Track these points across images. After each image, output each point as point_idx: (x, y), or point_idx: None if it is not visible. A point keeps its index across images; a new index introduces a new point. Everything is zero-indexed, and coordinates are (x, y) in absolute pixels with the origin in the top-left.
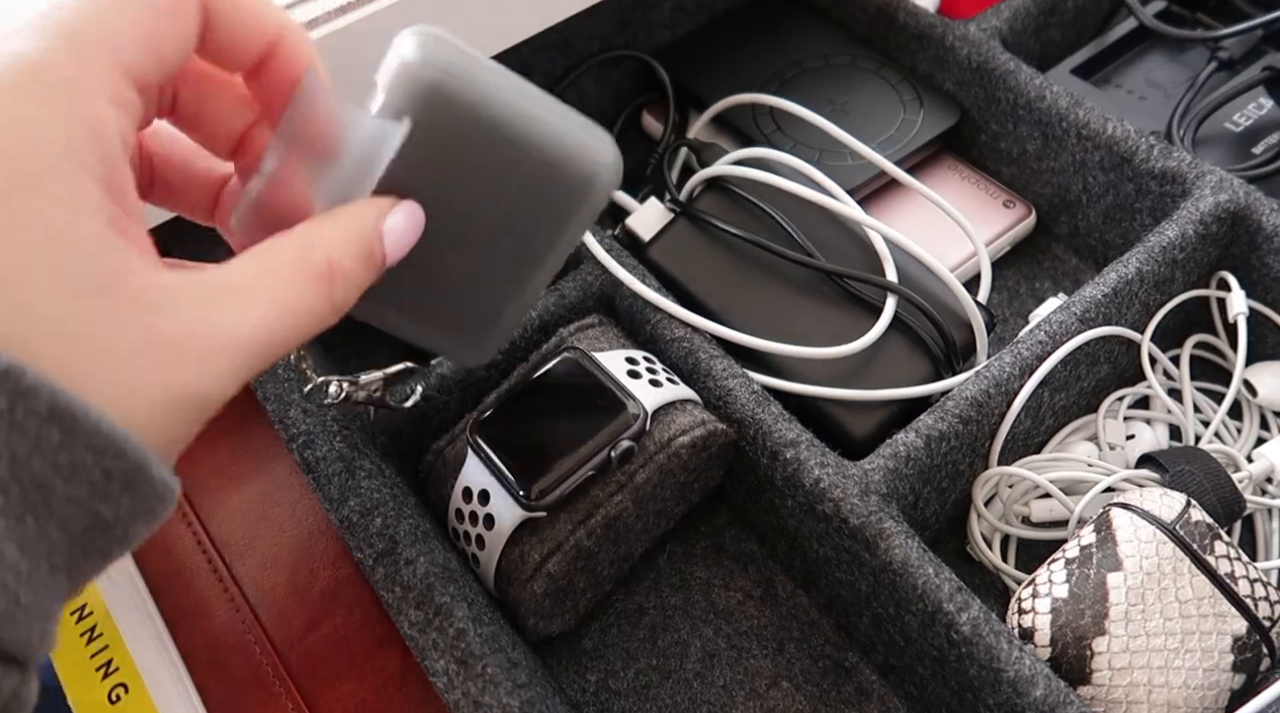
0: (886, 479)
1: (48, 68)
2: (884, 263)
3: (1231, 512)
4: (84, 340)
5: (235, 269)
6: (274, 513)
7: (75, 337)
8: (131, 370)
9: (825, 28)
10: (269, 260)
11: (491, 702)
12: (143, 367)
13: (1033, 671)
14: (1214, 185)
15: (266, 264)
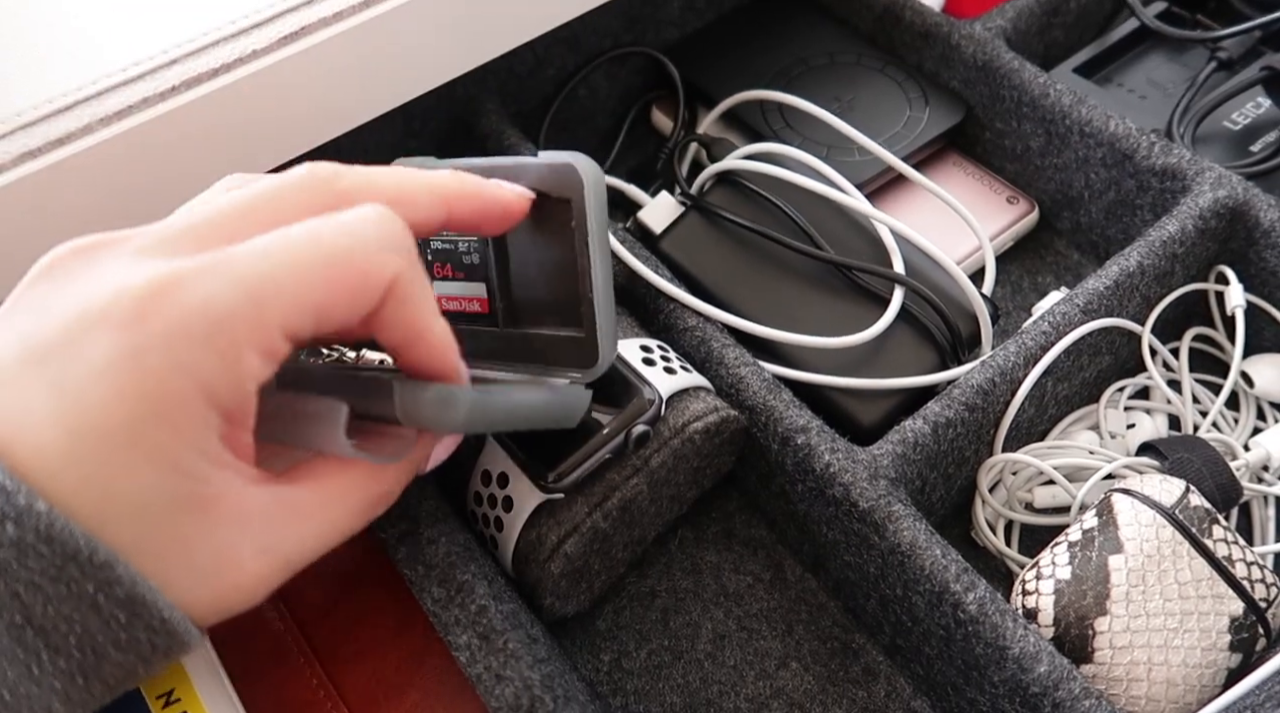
0: (895, 464)
1: (221, 330)
2: (891, 255)
3: (1229, 498)
4: (173, 549)
5: (309, 492)
6: None
7: (167, 545)
8: (202, 576)
9: (831, 26)
10: (339, 489)
11: (513, 675)
12: (211, 574)
13: (1037, 648)
14: (1213, 182)
15: (336, 492)
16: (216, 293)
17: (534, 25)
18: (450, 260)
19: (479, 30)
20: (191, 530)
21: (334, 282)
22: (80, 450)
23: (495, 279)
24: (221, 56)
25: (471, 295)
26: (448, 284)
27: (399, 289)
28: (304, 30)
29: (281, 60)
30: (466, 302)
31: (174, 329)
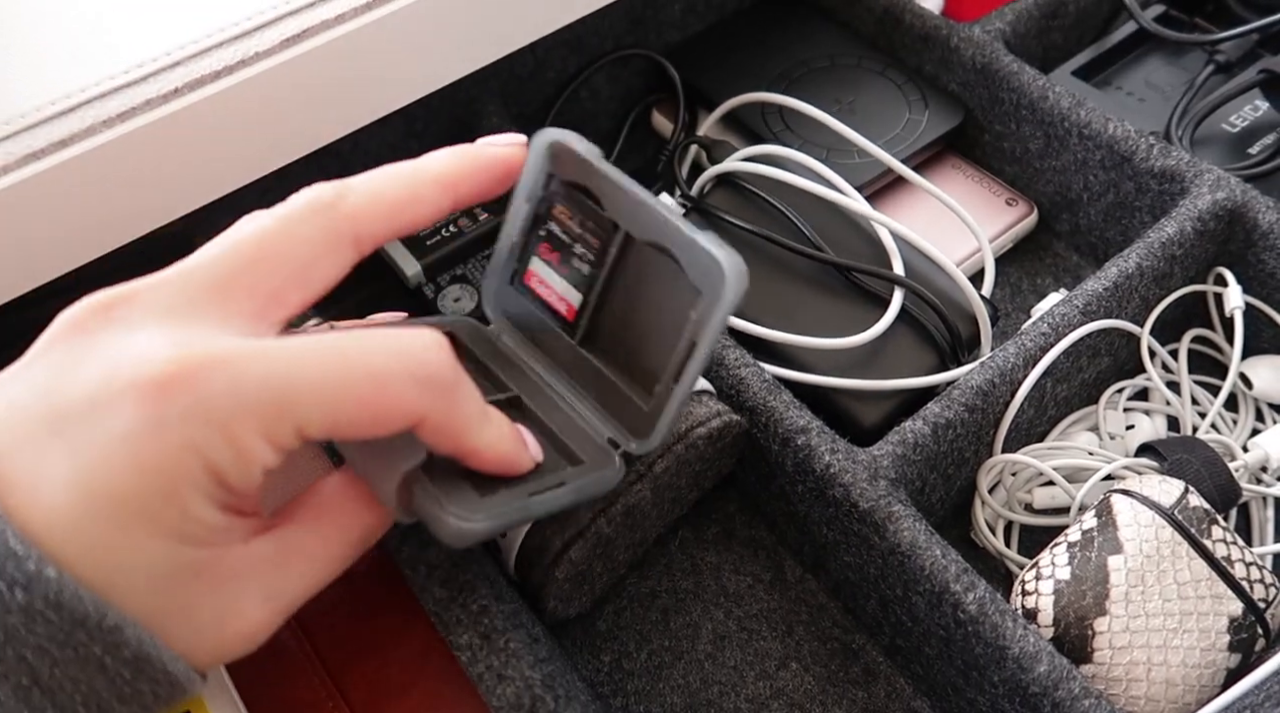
0: (895, 465)
1: (238, 421)
2: (891, 257)
3: (1228, 499)
4: (177, 611)
5: (308, 532)
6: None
7: (172, 608)
8: (206, 631)
9: (832, 29)
10: (338, 525)
11: (514, 674)
12: (214, 628)
13: (1036, 648)
14: (1212, 184)
15: (335, 529)
16: (242, 385)
17: (536, 27)
18: (561, 253)
19: (481, 32)
20: (196, 593)
21: (360, 403)
22: (91, 518)
23: (594, 297)
24: (224, 59)
25: (564, 296)
26: (549, 271)
27: (429, 424)
28: (306, 33)
29: (284, 63)
30: (557, 299)
31: (194, 411)
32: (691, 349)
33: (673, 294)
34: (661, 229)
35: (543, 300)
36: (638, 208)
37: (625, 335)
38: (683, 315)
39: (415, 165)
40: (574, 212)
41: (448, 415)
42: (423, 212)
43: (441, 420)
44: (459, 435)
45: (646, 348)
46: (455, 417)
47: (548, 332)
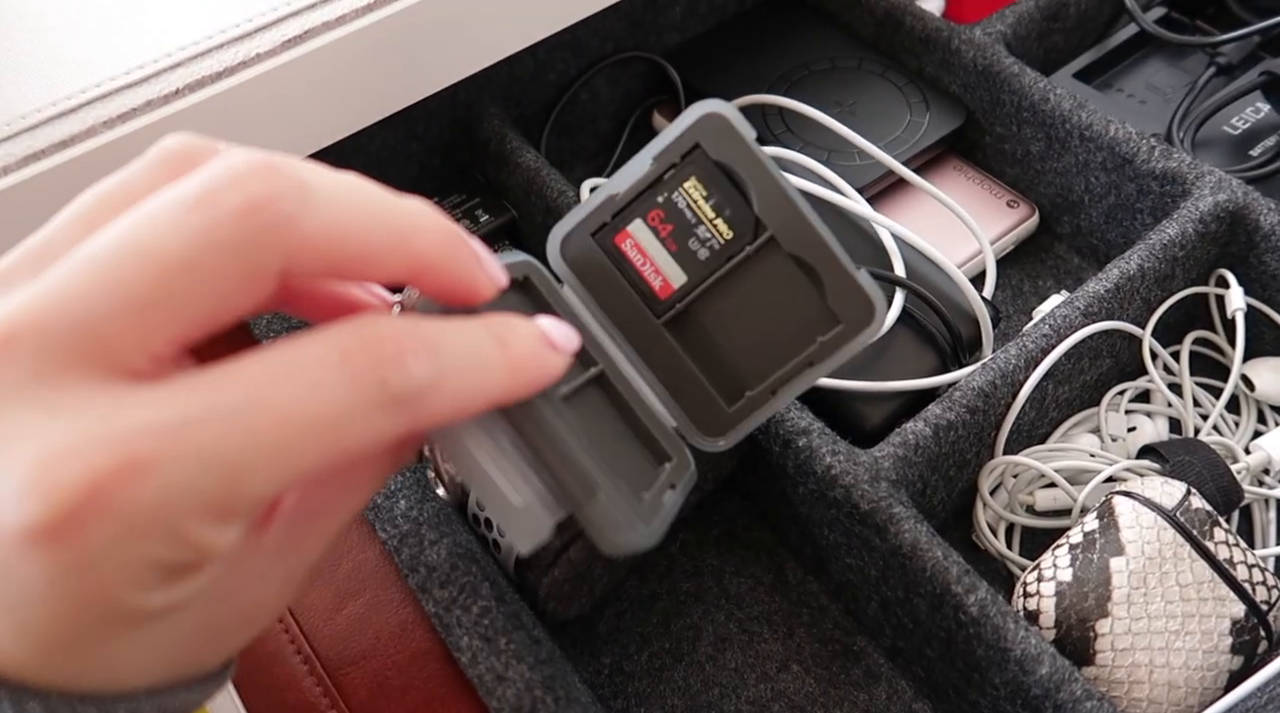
0: (896, 466)
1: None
2: (892, 259)
3: (1230, 501)
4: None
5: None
6: None
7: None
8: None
9: (832, 31)
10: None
11: (515, 676)
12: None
13: (1039, 650)
14: (1213, 186)
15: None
16: (174, 485)
17: (537, 29)
18: (676, 227)
19: (481, 34)
20: (213, 621)
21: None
22: (47, 660)
23: (703, 284)
24: (225, 60)
25: (663, 271)
26: (653, 241)
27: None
28: (307, 34)
29: (285, 64)
30: (653, 272)
31: (121, 535)
32: (805, 369)
33: (801, 311)
34: (817, 251)
35: (632, 266)
36: (797, 221)
37: (726, 332)
38: (806, 335)
39: (396, 225)
40: (711, 193)
41: (444, 414)
42: (373, 276)
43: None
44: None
45: (747, 352)
46: (454, 410)
47: (623, 299)
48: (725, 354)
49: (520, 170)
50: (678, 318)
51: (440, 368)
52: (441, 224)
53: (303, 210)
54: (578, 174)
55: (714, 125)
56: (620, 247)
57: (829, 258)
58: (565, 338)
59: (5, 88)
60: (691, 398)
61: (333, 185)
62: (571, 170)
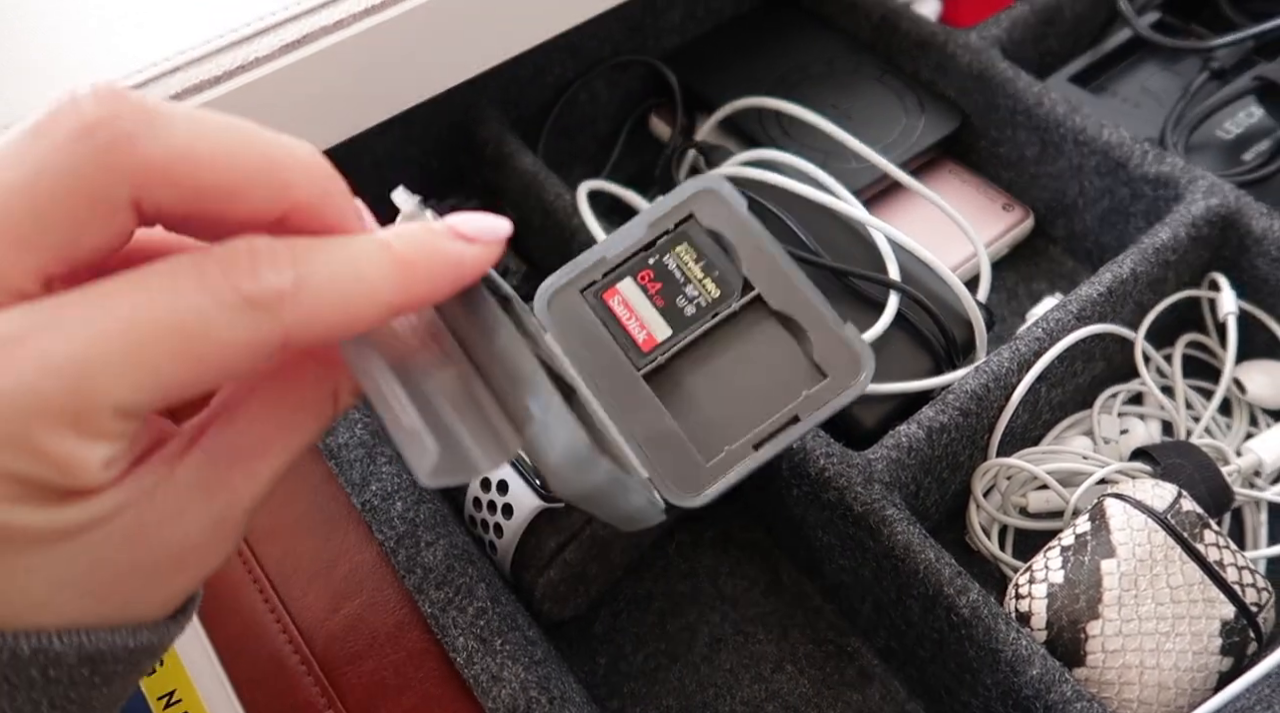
0: (889, 469)
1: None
2: (887, 262)
3: (1221, 503)
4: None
5: (248, 427)
6: (297, 498)
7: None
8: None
9: (829, 35)
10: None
11: (510, 677)
12: (166, 578)
13: (1029, 651)
14: (1206, 190)
15: (285, 418)
16: (18, 388)
17: (535, 33)
18: (665, 285)
19: (480, 37)
20: (127, 561)
21: (179, 360)
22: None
23: (688, 339)
24: (224, 64)
25: (648, 325)
26: (641, 297)
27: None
28: (306, 38)
29: (284, 68)
30: (637, 327)
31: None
32: (790, 425)
33: (785, 367)
34: (803, 308)
35: (617, 320)
36: (783, 280)
37: (708, 387)
38: (791, 390)
39: (263, 153)
40: (700, 256)
41: (319, 318)
42: (238, 212)
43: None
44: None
45: (729, 407)
46: (329, 313)
47: (604, 350)
48: (706, 409)
49: (518, 173)
50: (658, 371)
51: (304, 271)
52: (318, 161)
53: (145, 132)
54: (575, 177)
55: (709, 197)
56: (608, 302)
57: (815, 315)
58: (484, 227)
59: (6, 89)
60: (667, 451)
61: (185, 111)
62: (569, 173)
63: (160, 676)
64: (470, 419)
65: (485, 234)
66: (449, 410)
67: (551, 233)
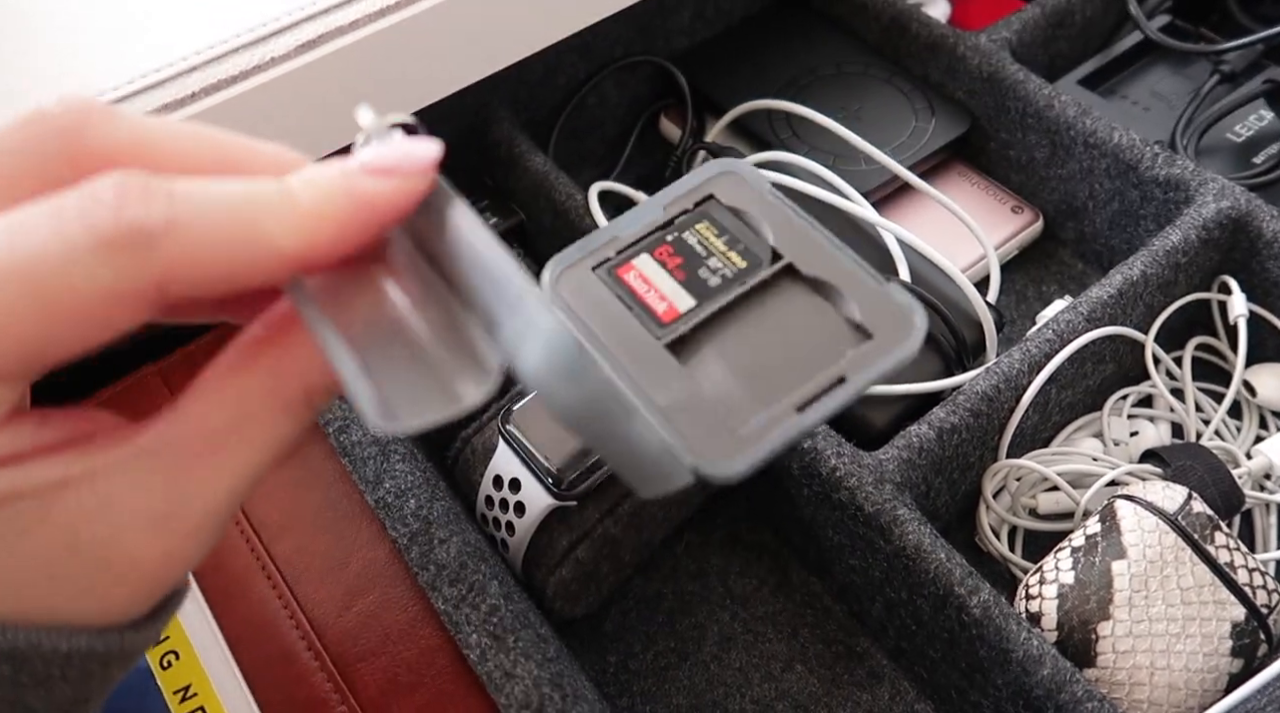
0: (900, 469)
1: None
2: (897, 263)
3: (1231, 505)
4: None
5: (201, 422)
6: (310, 495)
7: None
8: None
9: (839, 37)
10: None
11: (523, 673)
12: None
13: (1040, 651)
14: (1216, 193)
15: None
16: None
17: (546, 34)
18: (686, 259)
19: (492, 39)
20: (31, 551)
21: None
22: None
23: (714, 309)
24: (241, 64)
25: (669, 297)
26: (660, 272)
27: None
28: (321, 38)
29: (300, 68)
30: (656, 299)
31: None
32: (836, 385)
33: (825, 332)
34: (840, 270)
35: (634, 293)
36: (815, 245)
37: (739, 355)
38: (834, 352)
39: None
40: (722, 231)
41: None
42: (253, 282)
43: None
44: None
45: (764, 374)
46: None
47: (622, 325)
48: (738, 377)
49: (529, 173)
50: (682, 341)
51: (181, 211)
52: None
53: (166, 225)
54: (586, 177)
55: (729, 178)
56: (623, 277)
57: (854, 276)
58: (402, 157)
59: (23, 90)
60: (696, 419)
61: (188, 189)
62: (579, 174)
63: (176, 670)
64: (444, 348)
65: (405, 165)
66: (421, 341)
67: (562, 233)
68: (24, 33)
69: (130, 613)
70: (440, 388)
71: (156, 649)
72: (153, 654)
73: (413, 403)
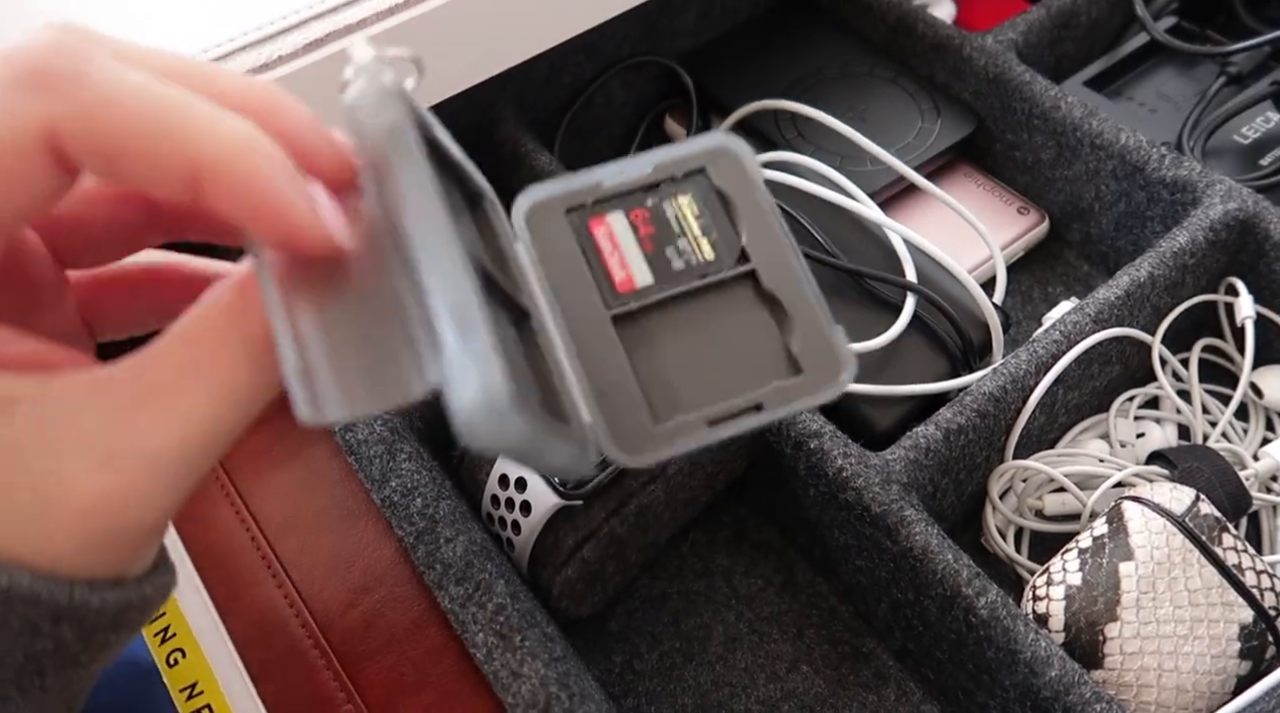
0: (907, 469)
1: None
2: (903, 264)
3: (1238, 507)
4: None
5: (172, 360)
6: (315, 493)
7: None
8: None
9: (844, 37)
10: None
11: (530, 673)
12: (29, 511)
13: (1048, 652)
14: (1223, 194)
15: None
16: None
17: (552, 34)
18: (658, 230)
19: (498, 38)
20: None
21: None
22: None
23: (668, 293)
24: (247, 61)
25: (630, 267)
26: (629, 236)
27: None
28: (329, 37)
29: (307, 66)
30: (618, 264)
31: None
32: (751, 412)
33: (763, 352)
34: (797, 296)
35: (598, 251)
36: (783, 262)
37: (677, 349)
38: (762, 375)
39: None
40: (702, 211)
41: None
42: (162, 182)
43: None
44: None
45: (694, 376)
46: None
47: (578, 280)
48: (669, 372)
49: (535, 173)
50: (628, 318)
51: (98, 70)
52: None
53: (85, 70)
54: None
55: (726, 157)
56: (592, 231)
57: (807, 309)
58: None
59: None
60: (618, 403)
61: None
62: None
63: (183, 668)
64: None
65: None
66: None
67: None
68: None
69: (78, 564)
70: (379, 377)
71: (164, 647)
72: (159, 652)
73: (346, 390)
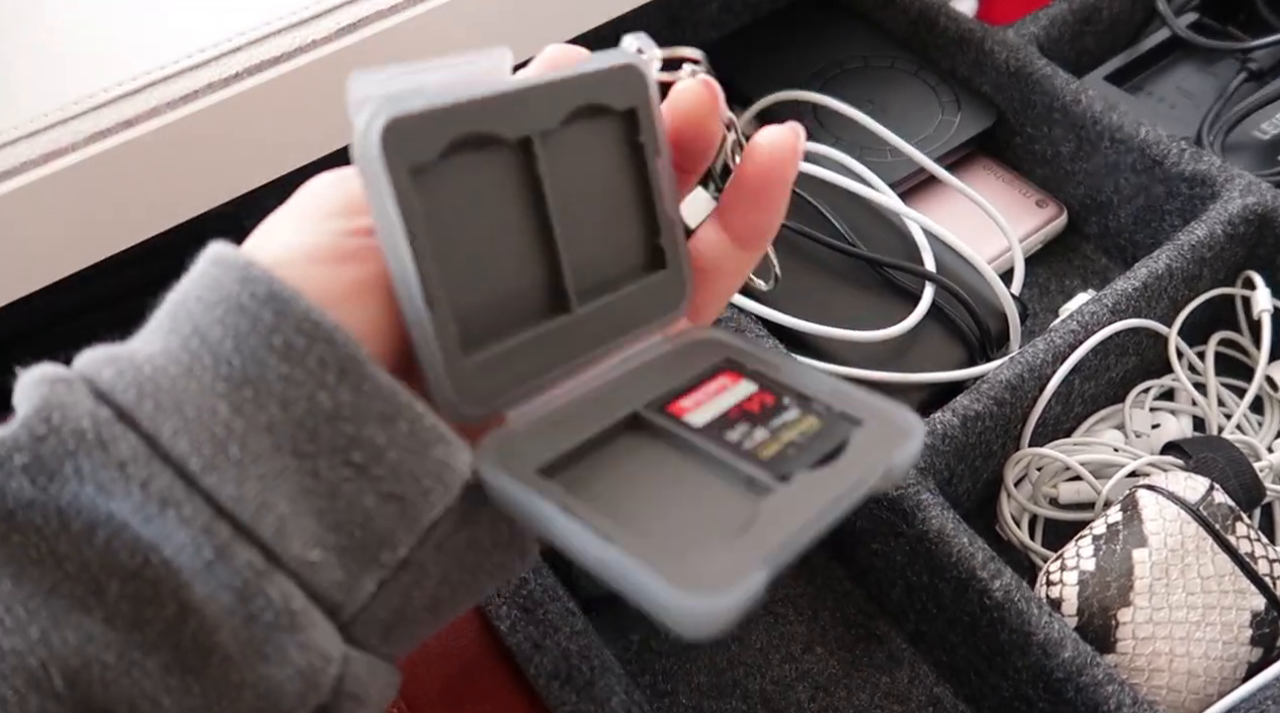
0: (924, 455)
1: None
2: (922, 253)
3: (1252, 498)
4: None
5: None
6: None
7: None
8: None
9: (866, 30)
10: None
11: (551, 645)
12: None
13: (1061, 634)
14: (1242, 189)
15: None
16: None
17: (574, 24)
18: (755, 414)
19: (521, 28)
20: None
21: None
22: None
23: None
24: (282, 45)
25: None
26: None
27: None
28: (361, 22)
29: (339, 50)
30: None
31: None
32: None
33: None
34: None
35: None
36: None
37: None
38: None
39: None
40: (806, 442)
41: None
42: None
43: None
44: None
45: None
46: None
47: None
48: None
49: None
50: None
51: None
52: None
53: None
54: None
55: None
56: (674, 410)
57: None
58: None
59: (74, 69)
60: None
61: None
62: None
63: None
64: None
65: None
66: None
67: None
68: (73, 12)
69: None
70: None
71: None
72: None
73: None
